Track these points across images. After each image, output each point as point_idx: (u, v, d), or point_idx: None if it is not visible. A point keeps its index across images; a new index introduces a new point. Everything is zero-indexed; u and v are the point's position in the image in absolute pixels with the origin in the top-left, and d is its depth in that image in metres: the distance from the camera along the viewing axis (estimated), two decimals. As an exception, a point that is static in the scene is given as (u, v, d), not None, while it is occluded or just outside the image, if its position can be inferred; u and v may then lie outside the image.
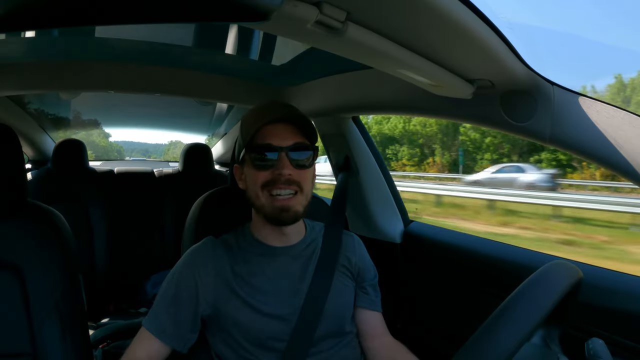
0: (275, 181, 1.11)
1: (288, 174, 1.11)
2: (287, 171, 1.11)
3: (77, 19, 0.45)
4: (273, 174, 1.11)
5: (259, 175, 1.13)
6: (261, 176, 1.12)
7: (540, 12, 55.07)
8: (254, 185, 1.14)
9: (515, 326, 0.60)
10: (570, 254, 6.92)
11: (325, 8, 0.72)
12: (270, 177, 1.12)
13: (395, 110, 1.59)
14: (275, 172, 1.11)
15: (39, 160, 3.39)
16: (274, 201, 1.12)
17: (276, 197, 1.12)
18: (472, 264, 1.65)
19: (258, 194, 1.14)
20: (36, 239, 1.19)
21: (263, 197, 1.13)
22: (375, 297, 1.33)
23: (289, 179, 1.11)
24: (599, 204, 11.33)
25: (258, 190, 1.13)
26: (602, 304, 1.20)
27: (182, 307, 1.15)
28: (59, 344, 1.15)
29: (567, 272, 0.71)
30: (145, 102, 2.96)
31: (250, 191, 1.17)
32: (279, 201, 1.12)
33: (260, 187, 1.13)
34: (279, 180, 1.11)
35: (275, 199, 1.12)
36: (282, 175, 1.10)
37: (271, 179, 1.12)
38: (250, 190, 1.17)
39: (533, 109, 1.08)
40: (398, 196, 2.09)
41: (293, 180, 1.12)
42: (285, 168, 1.11)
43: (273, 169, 1.11)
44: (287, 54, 1.71)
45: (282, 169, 1.10)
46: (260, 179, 1.13)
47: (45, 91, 2.54)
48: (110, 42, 1.65)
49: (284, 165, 1.11)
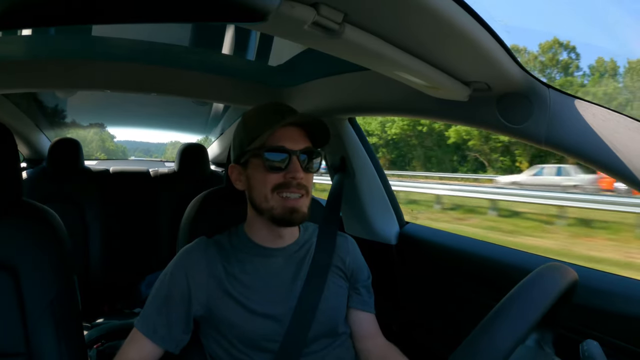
0: (288, 184, 1.12)
1: (300, 178, 1.12)
2: (300, 174, 1.11)
3: (74, 18, 0.45)
4: (285, 177, 1.12)
5: (269, 177, 1.13)
6: (272, 178, 1.12)
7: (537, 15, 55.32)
8: (262, 187, 1.14)
9: (510, 328, 0.60)
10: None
11: (322, 9, 0.72)
12: (282, 180, 1.12)
13: (392, 112, 1.59)
14: (288, 175, 1.11)
15: (34, 159, 3.38)
16: (285, 202, 1.12)
17: (287, 198, 1.12)
18: (467, 265, 1.65)
19: (267, 196, 1.13)
20: (31, 238, 1.18)
21: (273, 199, 1.13)
22: (369, 299, 1.33)
23: (300, 183, 1.12)
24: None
25: (268, 193, 1.13)
26: (597, 306, 1.20)
27: (174, 307, 1.15)
28: (54, 344, 1.15)
29: (562, 274, 0.71)
30: (142, 102, 2.95)
31: (257, 192, 1.16)
32: (290, 202, 1.12)
33: (270, 190, 1.13)
34: (291, 184, 1.11)
35: (287, 200, 1.12)
36: (295, 178, 1.11)
37: (283, 182, 1.12)
38: (257, 191, 1.16)
39: (529, 111, 1.08)
40: (394, 197, 2.09)
41: (302, 184, 1.13)
42: (299, 172, 1.11)
43: (285, 172, 1.12)
44: (284, 55, 1.71)
45: (295, 172, 1.11)
46: (271, 181, 1.12)
47: (41, 90, 2.53)
48: (107, 41, 1.65)
49: (297, 169, 1.11)
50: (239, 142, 1.21)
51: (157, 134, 20.95)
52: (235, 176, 1.23)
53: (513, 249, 1.62)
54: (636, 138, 0.94)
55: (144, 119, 3.90)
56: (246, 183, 1.20)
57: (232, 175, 1.24)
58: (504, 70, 0.98)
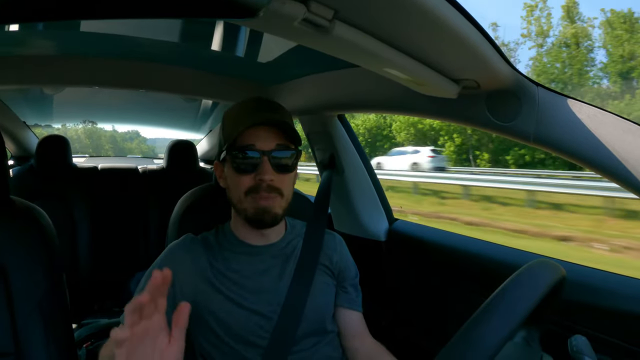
0: (257, 188, 1.12)
1: (270, 180, 1.11)
2: (268, 176, 1.11)
3: (63, 14, 0.44)
4: (255, 180, 1.12)
5: (241, 180, 1.13)
6: (244, 181, 1.13)
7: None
8: (235, 190, 1.15)
9: (499, 324, 0.61)
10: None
11: (312, 6, 0.71)
12: (252, 184, 1.12)
13: (381, 109, 1.60)
14: (257, 177, 1.11)
15: (21, 156, 3.34)
16: (257, 202, 1.12)
17: (258, 198, 1.12)
18: (456, 262, 1.66)
19: (241, 198, 1.14)
20: (19, 236, 1.17)
21: (246, 201, 1.14)
22: (356, 297, 1.33)
23: (270, 185, 1.12)
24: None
25: (241, 195, 1.14)
26: (585, 302, 1.21)
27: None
28: (43, 344, 1.14)
29: (550, 270, 0.72)
30: (132, 98, 2.93)
31: (233, 193, 1.17)
32: (262, 202, 1.12)
33: (244, 193, 1.13)
34: (260, 187, 1.11)
35: (258, 200, 1.12)
36: (264, 180, 1.11)
37: (254, 186, 1.12)
38: (233, 192, 1.17)
39: (518, 109, 1.09)
40: (383, 194, 2.10)
41: (274, 187, 1.13)
42: (267, 173, 1.11)
43: (255, 173, 1.12)
44: (274, 52, 1.70)
45: (263, 174, 1.11)
46: (243, 184, 1.13)
47: (28, 86, 2.50)
48: (95, 37, 1.63)
49: (266, 170, 1.11)
50: (219, 139, 1.21)
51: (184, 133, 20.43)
52: (218, 174, 1.24)
53: (502, 245, 1.63)
54: (624, 136, 0.95)
55: (132, 116, 3.88)
56: (225, 182, 1.21)
57: (216, 172, 1.25)
58: (493, 68, 0.99)
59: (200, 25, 1.55)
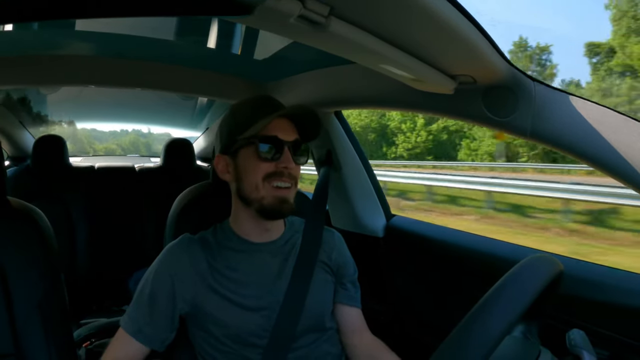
0: (280, 174, 1.13)
1: (292, 168, 1.14)
2: (292, 165, 1.13)
3: (57, 13, 0.44)
4: (277, 167, 1.12)
5: (261, 166, 1.13)
6: (265, 167, 1.13)
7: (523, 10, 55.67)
8: (253, 176, 1.14)
9: (497, 318, 0.61)
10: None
11: (308, 3, 0.71)
12: (274, 169, 1.13)
13: (378, 105, 1.60)
14: (280, 165, 1.12)
15: (18, 156, 3.33)
16: (276, 191, 1.13)
17: (277, 188, 1.13)
18: (454, 257, 1.67)
19: (258, 185, 1.13)
20: (17, 237, 1.17)
21: (264, 189, 1.13)
22: (355, 293, 1.33)
23: (291, 173, 1.14)
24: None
25: (259, 181, 1.13)
26: (583, 296, 1.22)
27: (158, 306, 1.14)
28: (42, 344, 1.14)
29: (548, 265, 0.72)
30: (128, 96, 2.92)
31: (247, 182, 1.16)
32: (281, 191, 1.13)
33: (262, 178, 1.13)
34: (283, 174, 1.13)
35: (278, 190, 1.13)
36: (288, 168, 1.13)
37: (275, 171, 1.13)
38: (248, 181, 1.16)
39: (514, 105, 1.09)
40: (380, 190, 2.10)
41: (293, 174, 1.15)
42: (290, 162, 1.13)
43: (277, 162, 1.12)
44: (270, 48, 1.70)
45: (287, 162, 1.13)
46: (263, 169, 1.13)
47: (23, 86, 2.49)
48: (90, 35, 1.63)
49: (289, 159, 1.13)
50: (227, 131, 1.20)
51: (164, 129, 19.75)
52: (221, 167, 1.22)
53: (500, 240, 1.63)
54: (621, 130, 0.95)
55: (129, 114, 3.87)
56: (234, 173, 1.19)
57: (218, 166, 1.22)
58: (490, 63, 0.99)
59: (196, 23, 1.55)
